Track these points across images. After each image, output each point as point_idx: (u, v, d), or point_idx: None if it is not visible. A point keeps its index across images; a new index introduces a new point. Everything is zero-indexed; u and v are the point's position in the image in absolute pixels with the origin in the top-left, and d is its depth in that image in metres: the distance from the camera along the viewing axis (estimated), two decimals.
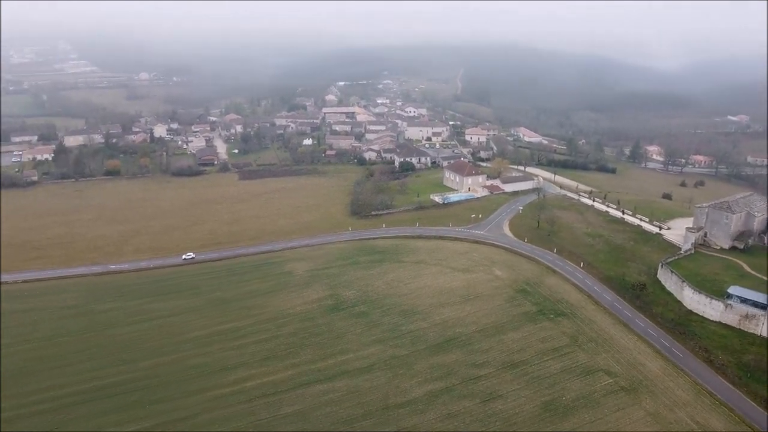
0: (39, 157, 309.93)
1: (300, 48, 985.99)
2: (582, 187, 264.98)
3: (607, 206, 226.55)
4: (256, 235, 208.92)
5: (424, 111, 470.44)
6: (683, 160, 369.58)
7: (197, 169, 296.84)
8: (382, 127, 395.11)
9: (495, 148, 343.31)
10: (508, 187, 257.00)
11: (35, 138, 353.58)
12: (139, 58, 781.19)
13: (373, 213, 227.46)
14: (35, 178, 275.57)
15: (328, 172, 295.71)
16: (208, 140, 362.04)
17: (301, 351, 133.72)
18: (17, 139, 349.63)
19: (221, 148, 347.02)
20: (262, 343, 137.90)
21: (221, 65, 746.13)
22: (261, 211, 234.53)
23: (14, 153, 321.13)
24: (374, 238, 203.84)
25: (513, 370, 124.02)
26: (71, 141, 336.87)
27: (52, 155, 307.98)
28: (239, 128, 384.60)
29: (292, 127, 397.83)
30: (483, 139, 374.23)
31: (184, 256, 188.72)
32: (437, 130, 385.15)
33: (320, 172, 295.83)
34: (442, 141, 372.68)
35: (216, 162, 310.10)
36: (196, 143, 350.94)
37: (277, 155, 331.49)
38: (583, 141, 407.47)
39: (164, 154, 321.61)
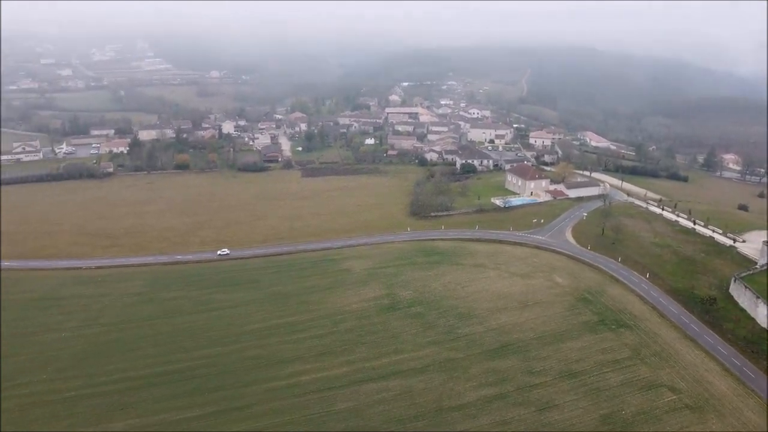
0: (115, 150, 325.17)
1: (366, 48, 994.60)
2: (650, 195, 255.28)
3: (677, 216, 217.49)
4: (316, 231, 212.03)
5: (487, 113, 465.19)
6: (762, 170, 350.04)
7: (262, 165, 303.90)
8: (445, 128, 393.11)
9: (560, 152, 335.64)
10: (573, 193, 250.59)
11: (112, 132, 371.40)
12: (211, 57, 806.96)
13: (432, 214, 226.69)
14: (111, 170, 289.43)
15: (389, 172, 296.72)
16: (273, 138, 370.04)
17: (356, 348, 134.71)
18: (96, 132, 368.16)
19: (285, 146, 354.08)
20: (319, 338, 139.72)
21: (288, 64, 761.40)
22: (322, 209, 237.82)
23: (93, 145, 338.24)
24: (433, 240, 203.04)
25: (571, 380, 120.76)
26: (145, 135, 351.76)
27: (127, 148, 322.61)
28: (303, 126, 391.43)
29: (355, 127, 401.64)
30: (548, 142, 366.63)
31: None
32: (501, 132, 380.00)
33: (381, 172, 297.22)
34: (506, 144, 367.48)
35: (280, 159, 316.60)
36: (262, 140, 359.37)
37: (340, 154, 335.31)
38: (654, 147, 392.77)
39: (231, 150, 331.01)
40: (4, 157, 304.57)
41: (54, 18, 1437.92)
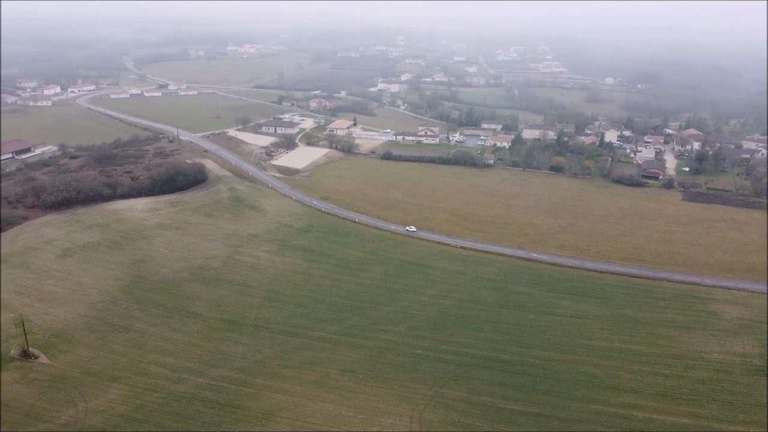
0: (498, 144, 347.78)
1: None
2: None
3: None
4: (686, 262, 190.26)
5: None
6: None
7: (639, 180, 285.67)
8: None
9: None
10: None
11: (499, 127, 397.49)
12: (606, 63, 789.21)
13: None
14: (491, 162, 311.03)
15: None
16: (658, 153, 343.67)
17: (706, 403, 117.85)
18: (485, 126, 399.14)
19: (670, 164, 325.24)
20: (663, 377, 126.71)
21: (691, 76, 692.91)
22: (697, 239, 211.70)
23: (480, 137, 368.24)
24: None
25: None
26: (528, 134, 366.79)
27: (509, 144, 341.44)
28: (696, 145, 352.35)
29: (762, 153, 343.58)
30: None
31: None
32: None
33: None
34: None
35: (661, 177, 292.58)
36: (645, 154, 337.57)
37: (735, 182, 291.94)
38: None
39: (609, 159, 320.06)
40: (409, 138, 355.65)
41: (463, 20, 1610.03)
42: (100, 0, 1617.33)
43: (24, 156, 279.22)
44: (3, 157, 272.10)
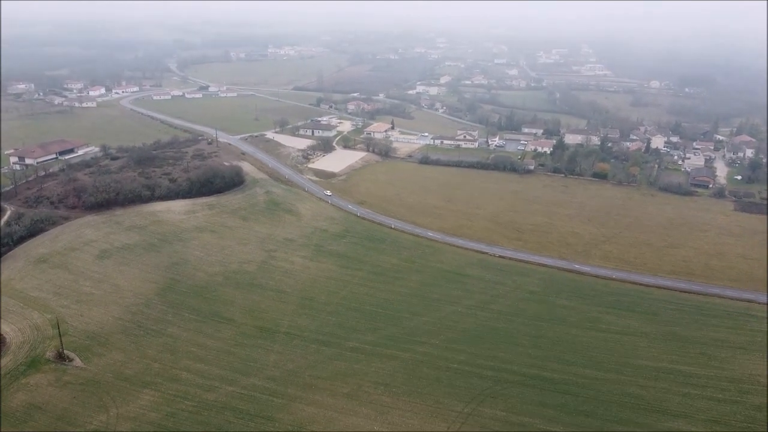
0: (539, 149, 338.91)
1: None
2: None
3: None
4: (739, 277, 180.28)
5: None
6: None
7: (687, 188, 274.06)
8: None
9: None
10: None
11: (540, 131, 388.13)
12: (653, 65, 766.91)
13: None
14: (531, 167, 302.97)
15: None
16: (708, 160, 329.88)
17: None
18: (526, 130, 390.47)
19: (721, 171, 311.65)
20: (716, 402, 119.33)
21: (745, 80, 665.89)
22: (751, 252, 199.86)
23: (520, 141, 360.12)
24: None
25: None
26: (570, 139, 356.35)
27: (551, 149, 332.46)
28: (749, 153, 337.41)
29: None
30: None
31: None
32: None
33: None
34: None
35: (710, 185, 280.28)
36: (694, 161, 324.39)
37: None
38: None
39: (656, 166, 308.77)
40: (447, 142, 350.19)
41: (506, 21, 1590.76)
42: (147, 0, 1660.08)
43: (67, 156, 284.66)
44: (47, 158, 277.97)
